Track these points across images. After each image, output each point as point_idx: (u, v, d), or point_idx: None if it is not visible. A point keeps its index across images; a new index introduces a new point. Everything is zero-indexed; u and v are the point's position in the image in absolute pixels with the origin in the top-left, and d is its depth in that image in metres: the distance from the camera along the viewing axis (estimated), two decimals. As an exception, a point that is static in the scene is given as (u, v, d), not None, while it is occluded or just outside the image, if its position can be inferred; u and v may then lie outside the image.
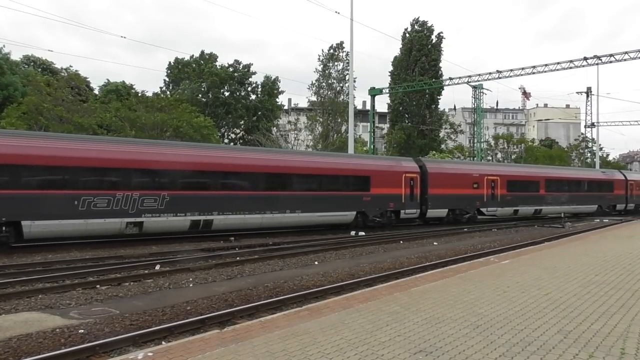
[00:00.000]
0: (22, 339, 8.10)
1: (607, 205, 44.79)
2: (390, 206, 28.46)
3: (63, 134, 24.92)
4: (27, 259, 15.93)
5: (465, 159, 62.99)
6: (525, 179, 37.06)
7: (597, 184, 44.17)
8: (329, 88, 60.05)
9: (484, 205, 33.49)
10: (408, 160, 32.33)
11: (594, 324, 7.64)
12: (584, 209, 42.30)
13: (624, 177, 47.97)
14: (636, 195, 48.96)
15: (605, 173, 47.76)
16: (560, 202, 39.19)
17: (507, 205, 34.96)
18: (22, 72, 47.06)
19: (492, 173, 34.54)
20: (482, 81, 47.39)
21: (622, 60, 37.87)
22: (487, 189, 33.60)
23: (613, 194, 45.65)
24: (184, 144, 25.11)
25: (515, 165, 48.54)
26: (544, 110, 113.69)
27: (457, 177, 32.32)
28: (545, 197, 38.13)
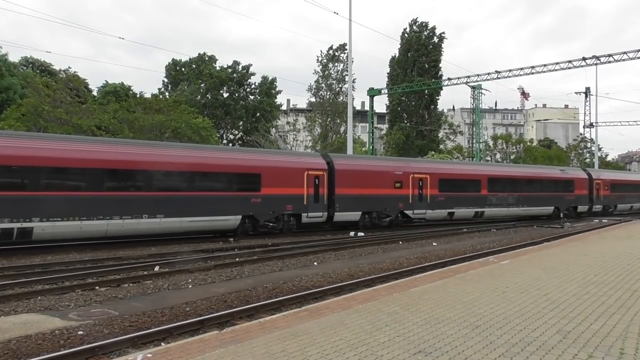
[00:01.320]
0: (21, 340, 8.09)
1: (567, 207, 40.19)
2: (287, 209, 24.68)
3: None
4: (26, 261, 15.92)
5: (464, 159, 63.01)
6: (462, 178, 33.23)
7: (553, 183, 39.91)
8: (328, 89, 60.06)
9: (409, 207, 29.71)
10: (314, 155, 29.37)
11: (593, 324, 7.65)
12: (537, 211, 38.45)
13: (587, 176, 43.39)
14: (604, 196, 44.49)
15: (564, 171, 42.98)
16: (508, 204, 35.54)
17: (440, 207, 31.21)
18: (21, 74, 47.05)
19: (419, 171, 30.82)
20: (480, 81, 47.47)
21: (620, 61, 37.93)
22: (414, 189, 29.93)
23: (573, 195, 41.22)
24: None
25: (449, 161, 43.51)
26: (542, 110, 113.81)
27: (373, 175, 28.57)
28: (488, 197, 34.08)
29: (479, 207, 33.56)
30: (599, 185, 43.74)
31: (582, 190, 41.99)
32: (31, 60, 53.24)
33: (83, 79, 50.61)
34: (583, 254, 16.15)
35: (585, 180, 42.49)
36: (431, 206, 30.67)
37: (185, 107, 46.13)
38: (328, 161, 27.00)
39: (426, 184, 30.53)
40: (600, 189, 43.82)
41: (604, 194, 44.36)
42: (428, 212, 30.61)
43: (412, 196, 29.72)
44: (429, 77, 60.12)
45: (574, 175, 42.20)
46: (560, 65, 40.03)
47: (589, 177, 43.08)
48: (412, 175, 29.94)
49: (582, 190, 41.99)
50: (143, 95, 50.40)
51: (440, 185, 31.13)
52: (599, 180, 43.91)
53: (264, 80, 63.26)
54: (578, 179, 41.92)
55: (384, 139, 69.40)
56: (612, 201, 45.46)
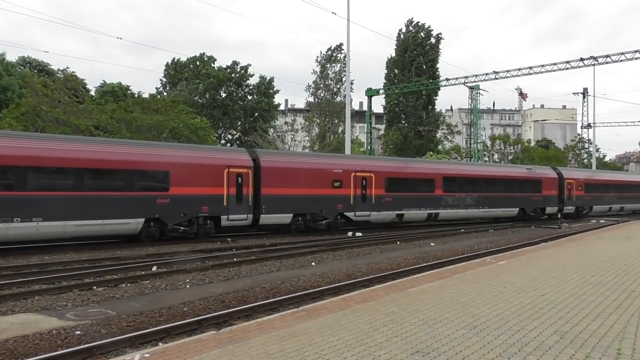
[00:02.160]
0: (19, 340, 8.08)
1: (533, 208, 37.84)
2: (203, 211, 22.06)
3: None
4: (24, 261, 15.91)
5: (462, 159, 63.06)
6: (412, 177, 30.75)
7: (518, 183, 37.15)
8: (326, 89, 60.05)
9: (350, 209, 27.13)
10: (237, 151, 26.29)
11: (591, 324, 7.66)
12: (499, 212, 35.63)
13: (557, 175, 40.58)
14: (577, 197, 41.63)
15: (531, 170, 40.16)
16: (466, 205, 32.96)
17: (387, 208, 28.65)
18: (19, 74, 46.98)
19: (363, 169, 28.12)
20: (478, 82, 47.49)
21: (618, 61, 38.02)
22: (356, 189, 27.29)
23: (541, 195, 38.52)
24: None
25: (398, 159, 39.42)
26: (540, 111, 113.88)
27: (307, 172, 25.79)
28: (444, 198, 31.57)
29: (433, 209, 31.04)
30: (571, 185, 41.11)
31: (551, 191, 39.41)
32: (29, 60, 53.13)
33: (81, 79, 50.56)
34: (580, 255, 16.18)
35: (554, 180, 39.92)
36: (376, 207, 28.24)
37: (183, 107, 46.10)
38: (254, 157, 24.48)
39: (370, 183, 28.04)
40: (573, 189, 41.24)
41: (577, 194, 41.76)
42: (373, 214, 28.14)
43: (353, 197, 27.21)
44: (427, 77, 60.13)
45: (542, 175, 39.58)
46: (558, 66, 40.10)
47: (559, 176, 40.57)
48: (354, 174, 27.38)
49: (551, 191, 39.41)
50: (141, 95, 50.38)
51: (387, 185, 28.78)
52: (571, 180, 41.32)
53: (261, 80, 63.26)
54: (546, 179, 39.37)
55: (381, 139, 69.45)
56: (586, 202, 42.92)
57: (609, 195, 45.67)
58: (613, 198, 46.28)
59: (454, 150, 67.18)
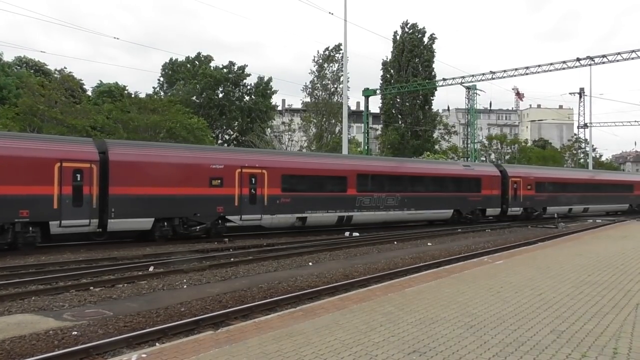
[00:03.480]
0: (16, 340, 8.07)
1: (471, 210, 33.57)
2: (21, 215, 17.70)
3: None
4: (20, 261, 15.86)
5: (459, 159, 63.12)
6: (317, 174, 26.20)
7: (452, 182, 32.90)
8: (324, 89, 60.06)
9: (234, 212, 22.74)
10: (78, 141, 21.06)
11: (587, 323, 7.68)
12: (429, 215, 31.49)
13: (500, 173, 36.12)
14: (526, 197, 37.19)
15: (469, 167, 35.81)
16: (388, 207, 28.80)
17: (284, 210, 24.30)
18: (15, 74, 46.87)
19: (252, 164, 23.63)
20: (475, 82, 47.52)
21: (614, 61, 38.06)
22: (242, 188, 22.95)
23: (480, 195, 34.01)
24: None
25: (300, 153, 33.45)
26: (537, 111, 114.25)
27: (174, 168, 21.31)
28: (359, 199, 27.40)
29: (345, 211, 26.85)
30: (517, 183, 36.53)
31: (493, 190, 34.92)
32: (25, 60, 52.98)
33: (78, 79, 50.46)
34: (577, 254, 16.21)
35: (496, 178, 35.40)
36: (270, 210, 23.86)
37: (180, 107, 46.03)
38: (102, 149, 20.18)
39: (262, 181, 23.64)
40: (520, 189, 36.71)
41: (525, 193, 37.22)
42: (265, 218, 23.73)
43: (239, 197, 22.84)
44: (423, 77, 60.20)
45: (482, 172, 35.24)
46: (554, 66, 40.13)
47: (502, 174, 36.10)
48: (240, 170, 23.00)
49: (493, 190, 34.92)
50: (138, 95, 50.30)
51: (284, 183, 24.46)
52: (517, 178, 36.67)
53: (259, 80, 63.20)
54: (487, 177, 34.90)
55: (379, 139, 69.52)
56: (538, 202, 38.39)
57: (568, 195, 41.18)
58: (574, 198, 41.69)
59: (451, 150, 67.25)
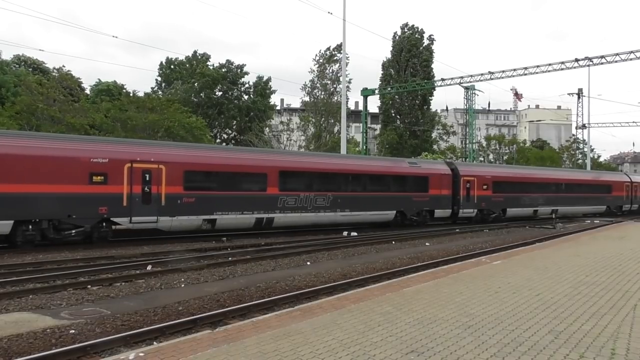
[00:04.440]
0: (13, 339, 8.05)
1: (417, 211, 30.59)
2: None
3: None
4: (18, 259, 15.82)
5: (457, 159, 63.16)
6: (230, 170, 23.11)
7: (394, 180, 29.92)
8: (323, 89, 60.03)
9: (121, 213, 19.63)
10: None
11: (585, 324, 7.69)
12: (368, 217, 28.38)
13: (452, 171, 33.09)
14: (480, 197, 34.15)
15: (415, 165, 32.15)
16: (317, 207, 25.84)
17: (187, 211, 21.39)
18: (13, 72, 46.81)
19: (146, 158, 20.44)
20: (474, 82, 47.54)
21: (613, 62, 38.05)
22: (132, 185, 19.88)
23: (427, 195, 31.09)
24: None
25: (206, 146, 29.74)
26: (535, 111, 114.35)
27: (41, 162, 18.10)
28: (282, 198, 24.46)
29: (265, 212, 23.87)
30: (470, 182, 33.51)
31: (442, 190, 31.88)
32: (24, 58, 52.93)
33: (77, 77, 50.45)
34: (575, 255, 16.23)
35: (446, 177, 32.37)
36: (169, 211, 20.90)
37: (178, 106, 45.99)
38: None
39: (159, 177, 20.64)
40: (474, 188, 33.64)
41: (480, 194, 34.03)
42: (163, 220, 20.78)
43: (128, 196, 19.79)
44: (421, 77, 60.23)
45: (429, 170, 32.01)
46: (553, 67, 40.15)
47: (453, 172, 33.09)
48: (130, 165, 19.88)
49: (442, 190, 31.88)
50: (136, 93, 50.26)
51: (188, 181, 21.65)
52: (470, 177, 33.65)
53: (258, 80, 63.17)
54: (435, 175, 31.75)
55: (377, 139, 69.53)
56: (495, 204, 35.26)
57: (534, 196, 38.26)
58: (540, 199, 38.82)
59: (450, 150, 67.29)
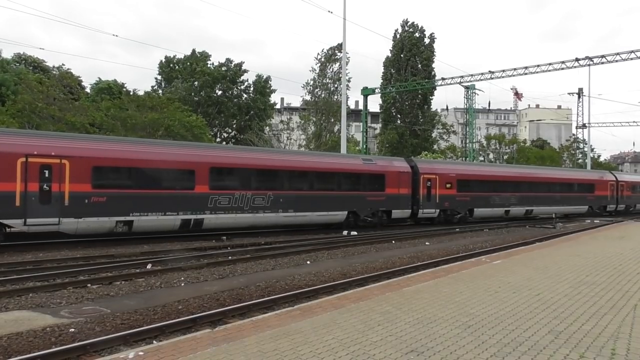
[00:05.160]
0: (13, 337, 8.05)
1: (371, 211, 28.08)
2: None
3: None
4: (18, 258, 15.83)
5: (458, 159, 63.14)
6: (150, 166, 20.77)
7: (346, 178, 27.54)
8: (323, 88, 60.00)
9: (12, 214, 17.38)
10: None
11: (585, 324, 7.68)
12: (315, 218, 25.90)
13: (411, 169, 30.63)
14: (444, 196, 31.88)
15: (370, 161, 29.88)
16: (256, 208, 23.39)
17: (97, 212, 19.09)
18: (14, 71, 46.79)
19: (45, 152, 18.19)
20: (474, 81, 47.54)
21: (613, 62, 38.03)
22: (27, 183, 17.61)
23: (383, 194, 28.69)
24: None
25: (121, 139, 25.20)
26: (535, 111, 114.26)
27: None
28: (213, 198, 22.09)
29: (193, 213, 21.60)
30: (432, 181, 31.27)
31: (401, 189, 29.49)
32: (24, 57, 52.92)
33: (77, 76, 50.47)
34: (575, 255, 16.22)
35: (405, 175, 29.93)
36: (74, 212, 18.59)
37: (178, 104, 45.98)
38: None
39: (61, 174, 18.39)
40: (435, 187, 31.40)
41: (444, 193, 31.88)
42: (66, 222, 18.41)
43: (22, 195, 17.47)
44: (422, 77, 60.22)
45: (386, 168, 29.59)
46: (553, 66, 40.13)
47: (413, 169, 30.70)
48: (25, 159, 17.64)
49: (401, 189, 29.49)
50: (136, 92, 50.26)
51: (97, 178, 19.35)
52: (431, 175, 31.40)
53: (258, 78, 63.16)
54: (392, 173, 29.39)
55: (377, 138, 69.51)
56: (461, 204, 32.94)
57: (505, 195, 35.78)
58: (512, 198, 36.34)
59: (450, 150, 67.30)
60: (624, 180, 48.52)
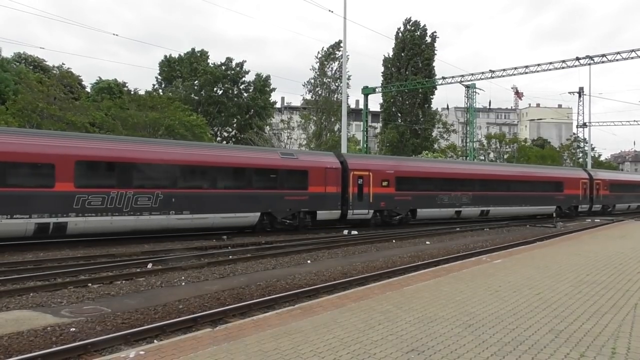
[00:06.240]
0: (13, 337, 8.06)
1: (291, 212, 24.85)
2: None
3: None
4: (19, 257, 15.85)
5: (458, 158, 63.11)
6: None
7: (258, 175, 23.95)
8: (323, 87, 59.96)
9: None
10: None
11: (585, 323, 7.68)
12: (218, 220, 22.31)
13: (341, 164, 27.22)
14: (378, 195, 28.29)
15: (291, 157, 25.88)
16: (137, 209, 19.86)
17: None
18: (14, 70, 46.80)
19: None
20: (474, 81, 47.47)
21: (614, 61, 38.00)
22: None
23: (306, 193, 25.26)
24: None
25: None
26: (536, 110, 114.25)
27: None
28: (79, 198, 18.65)
29: (52, 216, 18.09)
30: (364, 178, 27.77)
31: (328, 187, 26.10)
32: (24, 56, 52.93)
33: (77, 75, 50.48)
34: (575, 254, 16.22)
35: (333, 171, 26.53)
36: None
37: (178, 104, 46.00)
38: None
39: None
40: (369, 185, 27.91)
41: (380, 192, 28.42)
42: None
43: None
44: (423, 76, 60.22)
45: (309, 163, 26.07)
46: (554, 65, 40.12)
47: (342, 165, 27.28)
48: None
49: (328, 187, 26.10)
50: (137, 92, 50.27)
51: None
52: (363, 172, 27.85)
53: (257, 77, 63.14)
54: (317, 169, 25.98)
55: (378, 137, 69.49)
56: (401, 204, 29.61)
57: (455, 195, 32.56)
58: (463, 198, 32.98)
59: (450, 149, 67.30)
60: (600, 179, 45.12)
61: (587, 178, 43.22)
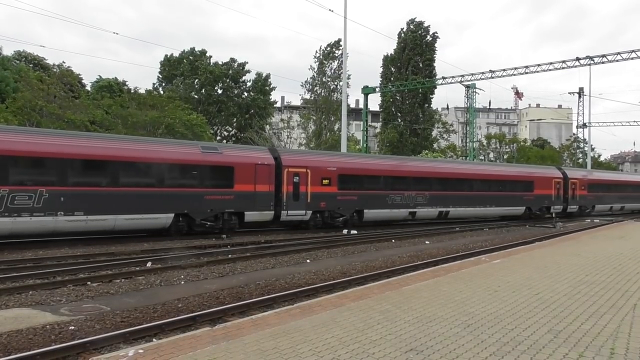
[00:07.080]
0: (12, 335, 8.06)
1: (213, 213, 22.42)
2: None
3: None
4: (18, 255, 15.85)
5: (458, 158, 63.09)
6: None
7: (174, 172, 21.47)
8: (323, 86, 59.92)
9: None
10: None
11: (584, 323, 7.68)
12: (121, 222, 19.78)
13: (274, 160, 24.67)
14: (317, 195, 25.89)
15: (215, 151, 23.29)
16: (12, 209, 17.13)
17: None
18: (14, 68, 46.77)
19: None
20: (475, 80, 47.51)
21: (614, 61, 38.10)
22: None
23: (231, 192, 22.87)
24: None
25: None
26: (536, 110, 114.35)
27: None
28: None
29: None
30: (301, 176, 25.39)
31: (258, 185, 23.66)
32: (24, 54, 52.89)
33: (77, 73, 50.43)
34: (575, 254, 16.21)
35: (265, 168, 24.01)
36: None
37: (179, 103, 46.00)
38: None
39: None
40: (306, 184, 25.52)
41: (318, 191, 25.94)
42: None
43: None
44: (423, 75, 60.22)
45: (235, 159, 23.48)
46: (554, 65, 40.16)
47: (276, 161, 24.81)
48: None
49: (258, 185, 23.66)
50: (137, 90, 50.27)
51: None
52: (299, 169, 25.46)
53: (257, 77, 63.13)
54: (245, 165, 23.43)
55: (377, 137, 69.49)
56: (345, 204, 27.07)
57: (408, 194, 29.93)
58: (418, 198, 30.39)
59: (450, 149, 67.29)
60: (576, 178, 42.33)
61: (560, 177, 40.67)
